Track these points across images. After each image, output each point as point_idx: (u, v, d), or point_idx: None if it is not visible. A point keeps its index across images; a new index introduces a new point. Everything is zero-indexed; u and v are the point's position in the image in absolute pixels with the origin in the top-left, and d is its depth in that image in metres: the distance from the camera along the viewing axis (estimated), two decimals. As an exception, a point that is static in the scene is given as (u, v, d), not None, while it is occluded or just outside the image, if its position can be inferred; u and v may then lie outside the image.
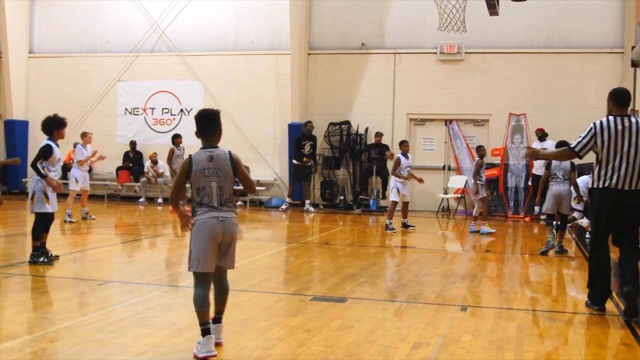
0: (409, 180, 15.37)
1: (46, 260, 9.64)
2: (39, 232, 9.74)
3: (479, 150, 15.41)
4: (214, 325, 5.74)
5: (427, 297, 8.04)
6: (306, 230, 16.30)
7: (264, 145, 21.74)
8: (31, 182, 9.79)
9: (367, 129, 20.88)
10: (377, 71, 20.94)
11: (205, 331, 5.53)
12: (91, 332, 6.12)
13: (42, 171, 9.62)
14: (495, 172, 19.49)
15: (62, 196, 13.07)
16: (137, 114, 23.05)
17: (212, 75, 22.13)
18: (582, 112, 18.63)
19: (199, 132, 5.76)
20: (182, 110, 22.39)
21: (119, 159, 22.54)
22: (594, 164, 7.39)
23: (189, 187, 5.85)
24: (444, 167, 20.63)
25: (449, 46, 20.07)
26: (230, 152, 5.76)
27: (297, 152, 20.09)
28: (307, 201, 20.08)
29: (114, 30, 23.16)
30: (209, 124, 5.73)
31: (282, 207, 20.00)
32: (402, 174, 15.03)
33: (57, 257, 9.91)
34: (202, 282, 5.65)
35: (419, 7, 20.15)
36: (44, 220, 9.81)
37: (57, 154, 9.92)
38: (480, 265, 11.21)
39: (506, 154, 19.60)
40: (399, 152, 15.45)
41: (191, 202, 5.81)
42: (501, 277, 10.10)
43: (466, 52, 20.16)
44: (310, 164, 20.12)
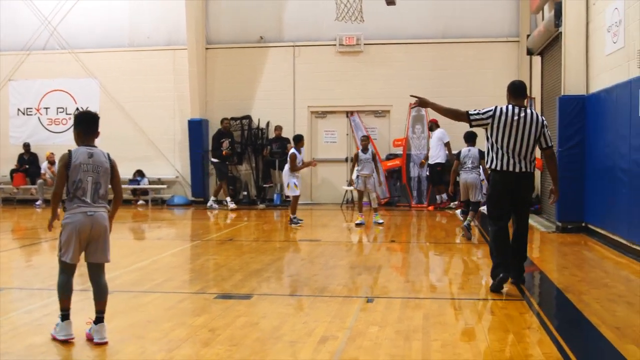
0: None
1: None
2: None
3: (363, 141, 15.47)
4: (97, 325, 5.80)
5: (333, 290, 7.98)
6: (210, 227, 16.04)
7: (164, 142, 21.29)
8: None
9: (268, 123, 20.72)
10: (277, 65, 20.81)
11: (65, 316, 5.82)
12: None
13: None
14: (397, 162, 19.67)
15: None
16: (31, 114, 22.24)
17: (108, 72, 21.49)
18: (480, 100, 18.64)
19: (83, 131, 6.00)
20: (77, 109, 21.51)
21: (12, 161, 21.69)
22: (488, 147, 7.93)
23: None
24: (346, 159, 20.67)
25: (348, 38, 20.12)
26: (109, 153, 6.05)
27: (216, 150, 19.74)
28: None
29: (2, 28, 22.13)
30: (93, 125, 6.03)
31: (212, 205, 19.56)
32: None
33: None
34: (67, 271, 5.89)
35: (317, -1, 20.08)
36: None
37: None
38: (385, 255, 11.28)
39: (408, 144, 19.77)
40: (292, 148, 15.33)
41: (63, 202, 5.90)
42: (407, 267, 10.15)
43: (365, 44, 20.25)
44: (229, 154, 19.70)
